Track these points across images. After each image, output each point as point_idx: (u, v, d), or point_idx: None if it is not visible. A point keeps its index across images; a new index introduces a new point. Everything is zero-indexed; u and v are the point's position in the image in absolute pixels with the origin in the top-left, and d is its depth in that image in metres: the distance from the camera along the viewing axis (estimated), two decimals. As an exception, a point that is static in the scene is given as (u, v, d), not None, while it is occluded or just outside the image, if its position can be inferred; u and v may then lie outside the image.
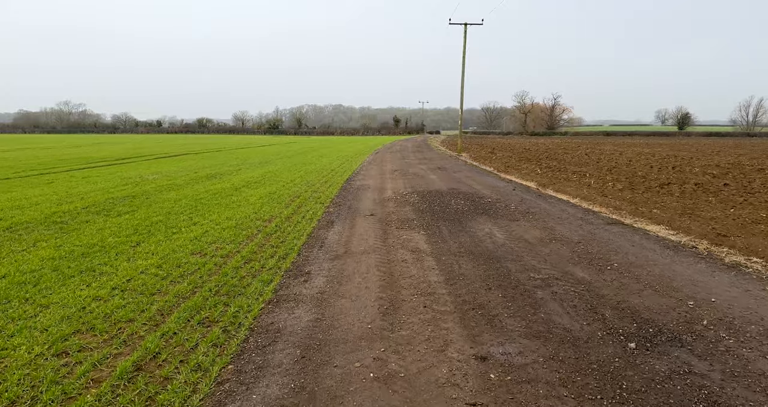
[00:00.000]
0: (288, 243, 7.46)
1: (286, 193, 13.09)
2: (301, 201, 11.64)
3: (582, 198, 11.81)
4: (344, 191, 13.61)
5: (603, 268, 5.73)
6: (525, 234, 7.61)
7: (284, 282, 5.57)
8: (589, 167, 21.93)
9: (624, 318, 4.27)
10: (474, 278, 5.43)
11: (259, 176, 17.79)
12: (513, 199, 11.43)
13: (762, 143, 60.44)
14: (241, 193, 13.11)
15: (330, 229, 8.44)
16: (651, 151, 37.63)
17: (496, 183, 15.10)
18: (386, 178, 16.97)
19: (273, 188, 14.19)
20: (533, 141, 67.73)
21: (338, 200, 11.76)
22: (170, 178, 17.25)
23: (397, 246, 7.07)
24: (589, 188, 14.74)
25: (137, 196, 12.65)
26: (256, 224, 8.93)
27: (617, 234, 7.62)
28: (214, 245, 7.39)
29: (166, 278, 5.83)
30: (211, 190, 13.70)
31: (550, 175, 18.54)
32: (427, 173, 18.23)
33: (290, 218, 9.49)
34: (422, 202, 11.09)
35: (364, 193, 13.08)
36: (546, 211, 9.84)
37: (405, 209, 10.24)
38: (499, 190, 13.27)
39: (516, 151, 38.22)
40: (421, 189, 13.40)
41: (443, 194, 12.39)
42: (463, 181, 15.63)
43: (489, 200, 11.08)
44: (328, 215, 9.86)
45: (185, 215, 9.83)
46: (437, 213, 9.66)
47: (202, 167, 21.87)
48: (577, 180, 16.72)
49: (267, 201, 11.59)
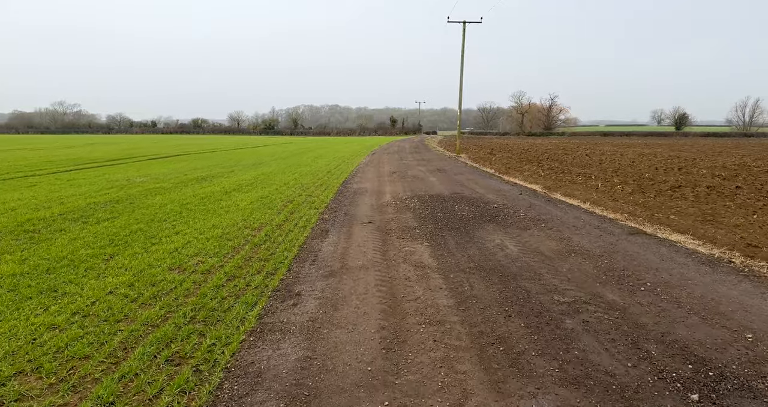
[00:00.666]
0: (277, 256, 6.73)
1: (279, 197, 12.36)
2: (294, 206, 10.91)
3: (593, 203, 11.13)
4: (340, 195, 12.89)
5: (635, 289, 5.03)
6: (540, 246, 6.90)
7: (270, 306, 4.85)
8: (592, 169, 21.28)
9: (674, 356, 3.56)
10: (489, 302, 4.72)
11: (252, 178, 17.05)
12: (521, 204, 10.72)
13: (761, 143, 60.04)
14: (230, 197, 12.37)
15: (324, 239, 7.71)
16: (652, 151, 37.05)
17: (500, 186, 14.40)
18: (384, 181, 16.26)
19: (265, 191, 13.46)
20: (531, 141, 67.17)
21: (334, 206, 11.04)
22: (158, 181, 16.50)
23: (398, 260, 6.35)
24: (597, 191, 14.06)
25: (121, 200, 11.90)
26: (244, 233, 8.20)
27: (642, 246, 6.92)
28: (195, 258, 6.65)
29: (137, 300, 5.09)
30: (200, 194, 12.95)
31: (554, 177, 17.87)
32: (427, 176, 17.52)
33: (282, 226, 8.76)
34: (424, 208, 10.38)
35: (361, 197, 12.36)
36: (558, 218, 9.13)
37: (406, 216, 9.52)
38: (504, 194, 12.56)
39: (515, 152, 37.58)
40: (421, 193, 12.68)
41: (446, 198, 11.68)
42: (466, 184, 14.92)
43: (495, 206, 10.36)
44: (323, 222, 9.14)
45: (168, 223, 9.09)
46: (441, 221, 8.94)
47: (194, 169, 21.10)
48: (583, 183, 16.05)
49: (258, 207, 10.86)
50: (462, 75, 31.70)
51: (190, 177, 17.55)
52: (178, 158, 29.37)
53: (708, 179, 16.75)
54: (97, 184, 15.48)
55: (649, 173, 19.18)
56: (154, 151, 39.02)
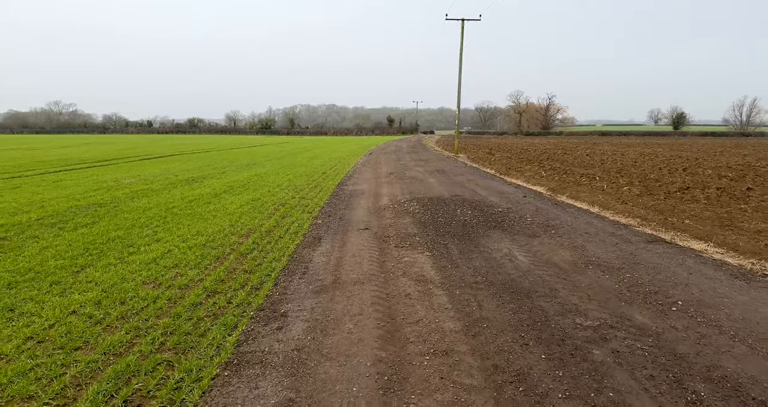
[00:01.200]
0: (264, 268, 6.13)
1: (271, 200, 11.75)
2: (286, 210, 10.30)
3: (602, 206, 10.56)
4: (335, 197, 12.29)
5: (666, 309, 4.44)
6: (552, 256, 6.31)
7: (252, 330, 4.25)
8: (595, 169, 20.73)
9: (728, 400, 2.98)
10: (502, 326, 4.13)
11: (244, 179, 16.43)
12: (527, 208, 10.13)
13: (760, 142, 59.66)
14: (220, 200, 11.75)
15: (317, 247, 7.11)
16: (652, 151, 36.56)
17: (502, 188, 13.81)
18: (381, 182, 15.66)
19: (257, 194, 12.84)
20: (529, 141, 66.59)
21: (328, 209, 10.44)
22: (147, 182, 15.87)
23: (397, 273, 5.76)
24: (603, 193, 13.50)
25: (104, 204, 11.28)
26: (230, 240, 7.59)
27: (664, 256, 6.33)
28: (174, 270, 6.05)
29: (102, 321, 4.49)
30: (188, 196, 12.33)
31: (557, 178, 17.31)
32: (426, 177, 16.93)
33: (271, 233, 8.16)
34: (424, 212, 9.78)
35: (357, 200, 11.76)
36: (568, 223, 8.54)
37: (404, 221, 8.93)
38: (508, 197, 11.97)
39: (514, 151, 37.03)
40: (420, 196, 12.09)
41: (446, 201, 11.08)
42: (466, 186, 14.33)
43: (500, 210, 9.76)
44: (316, 228, 8.54)
45: (150, 229, 8.47)
46: (442, 226, 8.35)
47: (185, 170, 20.46)
48: (587, 184, 15.49)
49: (247, 210, 10.25)
50: (461, 73, 31.14)
51: (180, 178, 16.92)
52: (170, 159, 28.70)
53: (715, 180, 16.22)
54: (84, 186, 14.84)
55: (654, 173, 18.64)
56: (148, 151, 38.32)
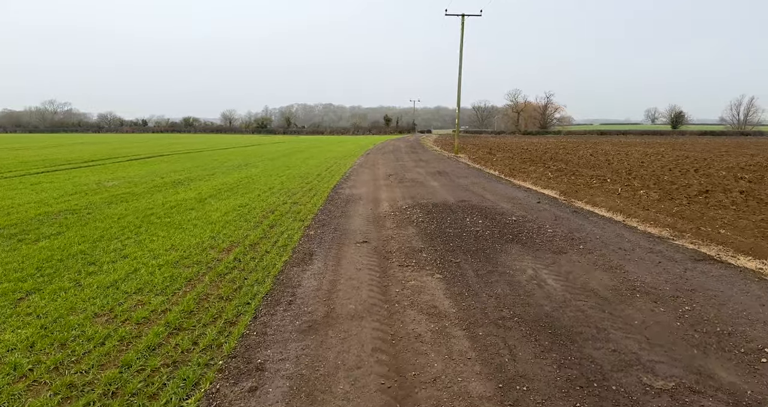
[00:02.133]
0: (244, 293, 5.13)
1: (260, 206, 10.75)
2: (275, 218, 9.30)
3: (624, 214, 9.60)
4: (330, 203, 11.29)
5: (754, 361, 3.44)
6: (588, 280, 5.31)
7: (216, 392, 3.25)
8: (603, 170, 19.79)
9: None
10: (548, 389, 3.13)
11: (234, 182, 15.41)
12: (544, 216, 9.13)
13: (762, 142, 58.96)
14: (204, 206, 10.74)
15: (307, 266, 6.11)
16: (655, 151, 35.69)
17: (512, 192, 12.81)
18: (380, 185, 14.66)
19: (245, 198, 11.83)
20: (528, 141, 65.67)
21: (322, 217, 9.43)
22: (131, 184, 14.84)
23: (403, 302, 4.76)
24: (619, 197, 12.55)
25: (78, 210, 10.26)
26: (208, 256, 6.58)
27: (721, 281, 5.32)
28: (135, 297, 5.04)
29: (27, 375, 3.49)
30: (171, 201, 11.32)
31: (565, 180, 16.35)
32: (427, 179, 15.93)
33: (257, 246, 7.16)
34: (429, 220, 8.79)
35: (354, 206, 10.76)
36: (595, 236, 7.53)
37: (408, 232, 7.93)
38: (519, 202, 10.97)
39: (515, 151, 36.10)
40: (423, 201, 11.10)
41: (453, 208, 10.09)
42: (472, 189, 13.33)
43: (514, 219, 8.75)
44: (308, 240, 7.54)
45: (119, 242, 7.46)
46: (452, 239, 7.35)
47: (174, 171, 19.41)
48: (599, 186, 14.54)
49: (233, 219, 9.24)
50: (461, 71, 30.16)
51: (167, 180, 15.89)
52: (160, 159, 27.63)
53: (733, 182, 15.30)
54: (62, 189, 13.80)
55: (667, 175, 17.71)
56: (139, 151, 37.21)
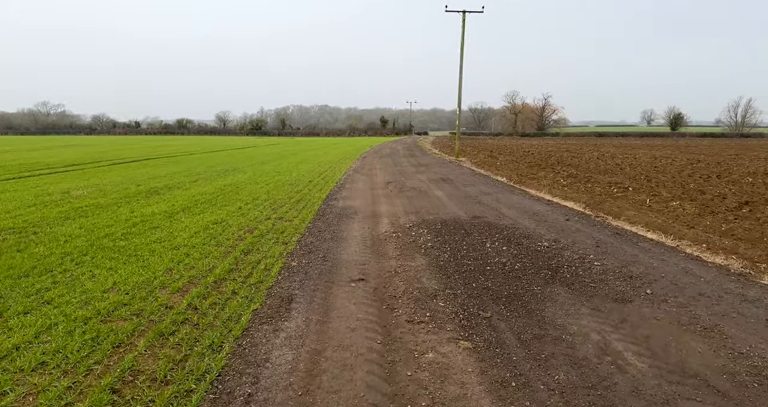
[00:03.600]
0: (183, 377, 3.54)
1: (238, 223, 9.16)
2: (253, 241, 7.71)
3: (673, 235, 8.05)
4: (321, 218, 9.71)
5: None
6: (683, 354, 3.68)
7: None
8: (618, 176, 18.29)
9: None
10: None
11: (215, 191, 13.80)
12: (581, 240, 7.51)
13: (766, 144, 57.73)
14: (173, 223, 9.14)
15: (282, 323, 4.52)
16: (662, 154, 34.28)
17: (531, 205, 11.15)
18: (378, 195, 13.08)
19: (223, 212, 10.23)
20: (527, 143, 64.20)
21: (310, 240, 7.85)
22: (101, 194, 13.22)
23: (421, 401, 3.17)
24: (650, 210, 11.03)
25: (23, 229, 8.69)
26: (156, 303, 4.99)
27: None
28: (28, 380, 3.45)
29: None
30: (136, 217, 9.72)
31: (582, 188, 14.83)
32: (431, 188, 14.34)
33: (221, 285, 5.57)
34: (440, 245, 7.22)
35: (348, 224, 9.18)
36: (658, 272, 5.88)
37: (415, 264, 6.35)
38: (545, 219, 9.34)
39: (517, 154, 34.61)
40: (430, 217, 9.52)
41: (466, 227, 8.51)
42: (484, 201, 11.73)
43: (546, 245, 7.12)
44: (289, 276, 5.95)
45: (50, 278, 5.86)
46: (473, 276, 5.76)
47: (154, 177, 17.78)
48: (623, 196, 13.01)
49: (201, 241, 7.65)
50: (461, 69, 28.62)
51: (142, 189, 14.27)
52: (145, 163, 25.98)
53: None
54: (20, 200, 12.18)
55: (691, 182, 16.22)
56: (125, 154, 35.52)
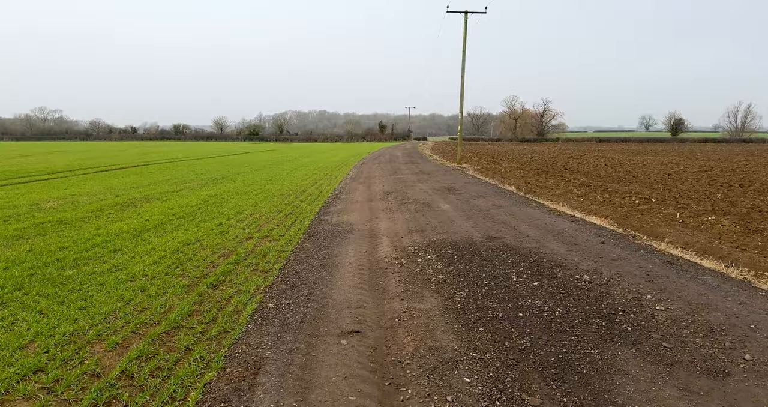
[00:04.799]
0: None
1: (214, 244, 7.84)
2: (226, 270, 6.38)
3: (731, 263, 6.74)
4: (311, 238, 8.38)
5: None
6: None
7: None
8: (633, 185, 17.03)
9: None
10: None
11: (198, 202, 12.47)
12: (628, 271, 6.10)
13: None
14: (137, 245, 7.82)
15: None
16: (671, 160, 33.06)
17: (552, 222, 9.72)
18: (377, 209, 11.75)
19: (200, 230, 8.91)
20: (528, 148, 62.97)
21: (294, 269, 6.51)
22: (72, 206, 11.91)
23: None
24: (685, 226, 9.74)
25: (-39, 251, 7.35)
26: (76, 369, 3.66)
27: None
28: None
29: None
30: (98, 236, 8.40)
31: (600, 199, 13.55)
32: (435, 200, 13.00)
33: (171, 340, 4.24)
34: (454, 278, 5.88)
35: (342, 246, 7.85)
36: (745, 322, 4.39)
37: (426, 307, 5.01)
38: (574, 241, 7.88)
39: (521, 161, 33.36)
40: (438, 238, 8.18)
41: (483, 252, 7.16)
42: (497, 216, 10.36)
43: (588, 280, 5.68)
44: (261, 325, 4.61)
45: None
46: (504, 329, 4.40)
47: (136, 186, 16.45)
48: (648, 209, 11.73)
49: (164, 271, 6.32)
50: (463, 73, 27.41)
51: (119, 200, 12.95)
52: (132, 171, 24.64)
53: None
54: (-24, 214, 10.85)
55: (716, 192, 14.95)
56: (115, 161, 34.18)
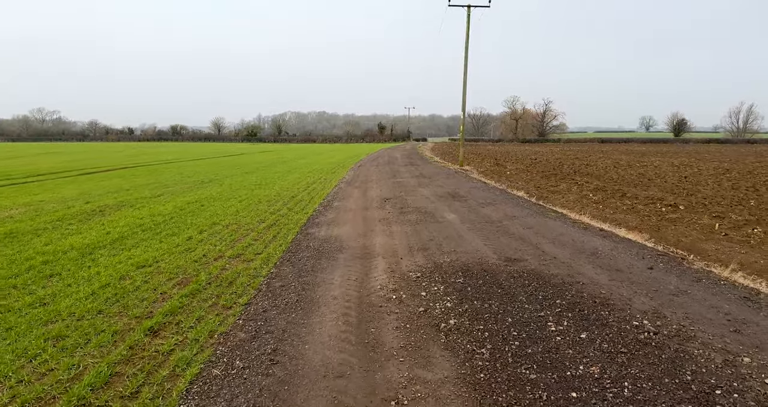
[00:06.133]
0: None
1: (173, 266, 6.46)
2: (174, 306, 4.98)
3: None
4: (291, 259, 6.99)
5: None
6: None
7: None
8: (652, 189, 15.65)
9: None
10: None
11: (172, 211, 11.09)
12: (702, 317, 4.56)
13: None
14: (81, 268, 6.45)
15: None
16: (681, 162, 31.70)
17: (582, 239, 8.11)
18: (373, 219, 10.35)
19: (163, 247, 7.52)
20: (530, 149, 61.58)
21: (262, 307, 5.11)
22: (34, 215, 10.62)
23: None
24: (729, 240, 8.35)
25: None
26: None
27: None
28: None
29: None
30: (46, 252, 7.05)
31: (621, 206, 12.17)
32: (439, 208, 11.58)
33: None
34: (470, 326, 4.49)
35: (327, 272, 6.45)
36: None
37: (434, 379, 3.59)
38: (617, 267, 6.39)
39: (525, 162, 31.98)
40: (445, 260, 6.77)
41: (504, 282, 5.76)
42: (514, 230, 8.90)
43: (653, 330, 4.13)
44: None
45: None
46: None
47: (113, 191, 15.07)
48: (678, 218, 10.35)
49: (96, 307, 4.94)
50: (466, 70, 26.03)
51: (88, 208, 11.62)
52: (116, 173, 23.27)
53: None
54: None
55: (748, 198, 13.57)
56: (102, 163, 32.82)
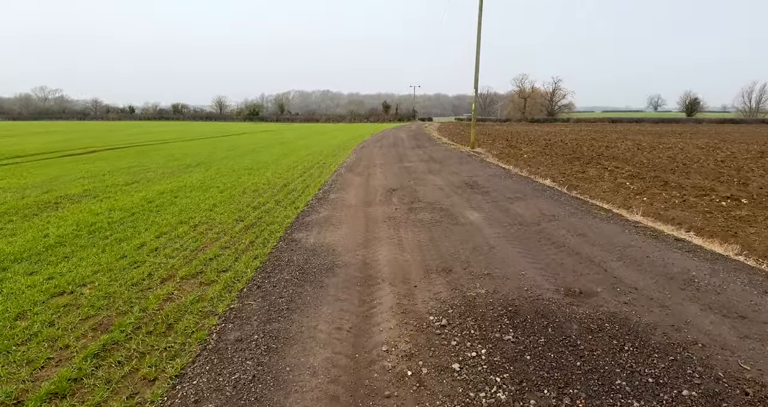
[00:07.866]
0: None
1: (97, 296, 4.73)
2: (59, 390, 3.23)
3: None
4: (262, 286, 5.22)
5: None
6: None
7: None
8: (696, 178, 13.73)
9: None
10: None
11: (139, 204, 9.34)
12: None
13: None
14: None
15: None
16: (705, 143, 29.50)
17: (664, 256, 6.01)
18: (376, 218, 8.53)
19: (99, 262, 5.78)
20: (540, 129, 58.94)
21: (199, 386, 3.38)
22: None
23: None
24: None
25: None
26: None
27: None
28: None
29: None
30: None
31: (669, 199, 10.31)
32: (457, 203, 9.73)
33: None
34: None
35: (308, 311, 4.68)
36: None
37: None
38: (742, 314, 4.16)
39: (540, 143, 29.88)
40: (479, 292, 4.96)
41: (579, 344, 3.96)
42: (563, 241, 6.92)
43: None
44: None
45: None
46: None
47: (87, 177, 13.32)
48: (750, 216, 8.50)
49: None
50: (479, 44, 23.80)
51: (43, 199, 9.91)
52: (101, 155, 21.47)
53: None
54: None
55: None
56: (94, 143, 30.96)
